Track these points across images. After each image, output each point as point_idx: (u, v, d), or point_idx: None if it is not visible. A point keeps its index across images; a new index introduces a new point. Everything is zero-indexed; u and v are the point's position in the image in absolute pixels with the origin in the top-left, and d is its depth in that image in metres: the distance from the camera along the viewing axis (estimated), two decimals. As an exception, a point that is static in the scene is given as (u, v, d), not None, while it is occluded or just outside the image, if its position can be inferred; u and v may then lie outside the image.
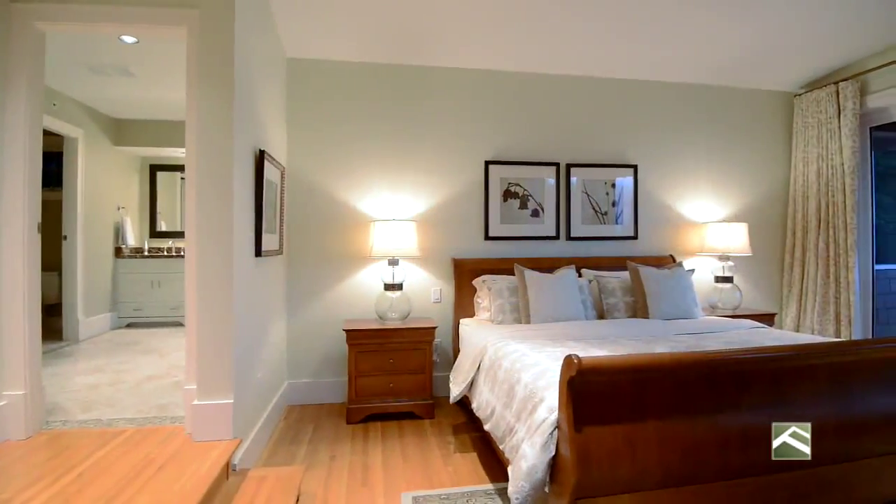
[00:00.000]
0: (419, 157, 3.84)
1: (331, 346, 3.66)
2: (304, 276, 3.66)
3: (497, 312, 3.39)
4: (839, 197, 3.99)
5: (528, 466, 1.67)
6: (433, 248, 3.84)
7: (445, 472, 2.56)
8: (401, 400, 3.31)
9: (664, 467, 1.65)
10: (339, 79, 3.73)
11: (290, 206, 3.62)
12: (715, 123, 4.40)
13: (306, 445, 2.93)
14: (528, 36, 3.53)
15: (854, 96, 3.96)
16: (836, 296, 4.01)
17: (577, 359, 1.53)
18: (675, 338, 2.78)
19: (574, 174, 4.10)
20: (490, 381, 2.52)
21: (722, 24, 3.48)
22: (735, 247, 4.01)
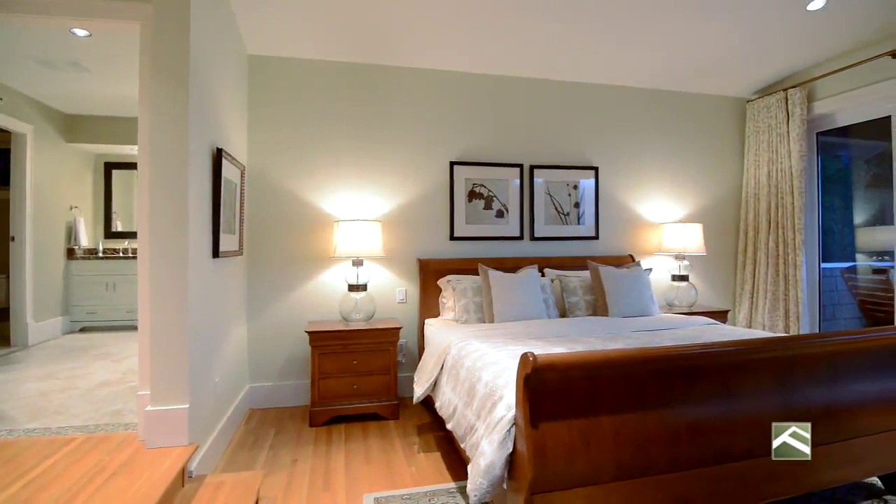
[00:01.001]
0: (384, 157, 3.83)
1: (294, 348, 3.61)
2: (266, 277, 3.60)
3: (461, 312, 3.41)
4: (788, 199, 4.18)
5: (487, 464, 1.69)
6: (398, 249, 3.83)
7: (408, 473, 2.57)
8: (365, 401, 3.29)
9: (617, 461, 1.69)
10: (303, 77, 3.69)
11: (251, 205, 3.55)
12: (672, 127, 4.54)
13: (267, 450, 2.88)
14: (491, 38, 3.57)
15: (802, 103, 4.15)
16: (786, 293, 4.20)
17: (533, 356, 1.56)
18: (632, 334, 2.86)
19: (538, 175, 4.17)
20: (452, 380, 2.54)
21: (678, 32, 3.60)
22: (690, 247, 4.15)
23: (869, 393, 2.14)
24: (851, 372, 2.11)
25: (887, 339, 2.16)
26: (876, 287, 4.59)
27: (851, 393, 2.10)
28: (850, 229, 5.14)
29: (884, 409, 2.18)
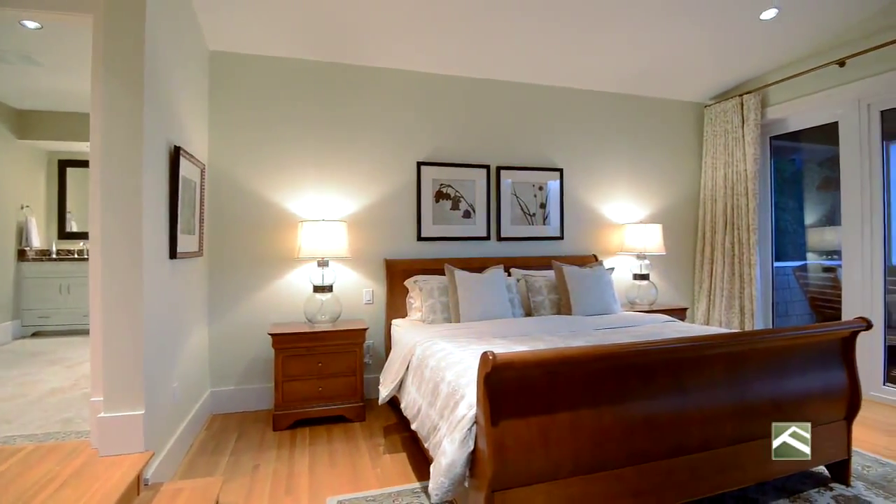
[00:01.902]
0: (351, 157, 3.80)
1: (257, 351, 3.54)
2: (228, 278, 3.52)
3: (428, 312, 3.41)
4: (743, 200, 4.34)
5: (448, 462, 1.70)
6: (365, 249, 3.81)
7: (373, 475, 2.55)
8: (330, 404, 3.25)
9: (575, 456, 1.73)
10: (267, 75, 3.62)
11: (212, 205, 3.47)
12: (634, 130, 4.66)
13: (229, 455, 2.82)
14: (459, 40, 3.59)
15: (756, 108, 4.31)
16: (741, 291, 4.36)
17: (493, 355, 1.57)
18: (593, 332, 2.92)
19: (504, 176, 4.21)
20: (417, 380, 2.54)
21: (639, 38, 3.70)
22: (651, 246, 4.26)
23: (815, 386, 2.25)
24: (799, 366, 2.21)
25: (832, 335, 2.28)
26: (825, 284, 4.81)
27: (799, 386, 2.20)
28: (803, 229, 5.37)
29: (829, 401, 2.29)
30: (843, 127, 3.90)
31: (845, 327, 2.25)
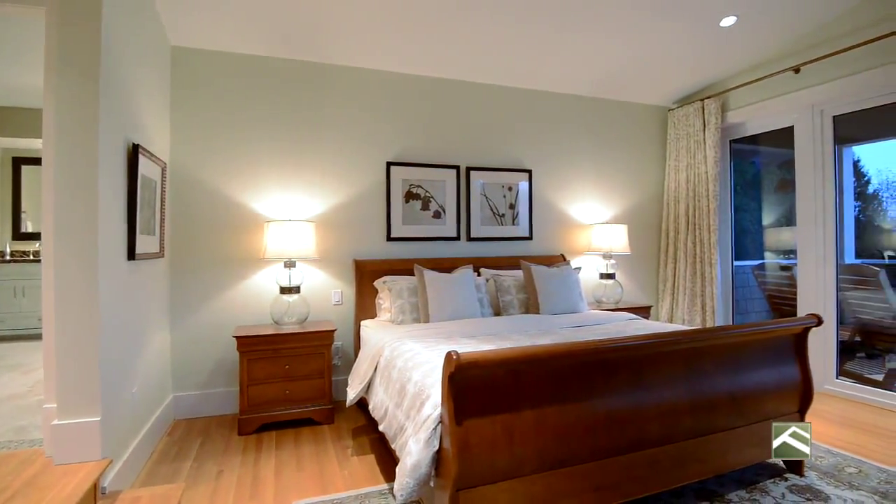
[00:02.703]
0: (319, 157, 3.75)
1: (222, 354, 3.46)
2: (191, 280, 3.43)
3: (398, 313, 3.40)
4: (704, 201, 4.48)
5: (413, 463, 1.70)
6: (334, 250, 3.77)
7: (341, 477, 2.53)
8: (298, 407, 3.21)
9: (539, 453, 1.75)
10: (231, 72, 3.55)
11: (174, 205, 3.38)
12: (601, 133, 4.74)
13: (191, 461, 2.75)
14: (428, 40, 3.59)
15: (716, 112, 4.45)
16: (702, 289, 4.49)
17: (457, 355, 1.58)
18: (560, 331, 2.96)
19: (474, 177, 4.23)
20: (385, 381, 2.53)
21: (605, 43, 3.78)
22: (617, 246, 4.35)
23: (770, 380, 2.33)
24: (754, 361, 2.29)
25: (785, 331, 2.37)
26: (782, 283, 5.00)
27: (755, 380, 2.28)
28: (761, 230, 5.57)
29: (783, 395, 2.38)
30: (798, 131, 4.06)
31: (797, 324, 2.34)
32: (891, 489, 2.30)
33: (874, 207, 5.29)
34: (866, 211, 5.37)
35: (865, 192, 5.39)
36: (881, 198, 5.30)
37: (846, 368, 4.12)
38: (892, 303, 4.03)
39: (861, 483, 2.37)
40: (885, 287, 4.04)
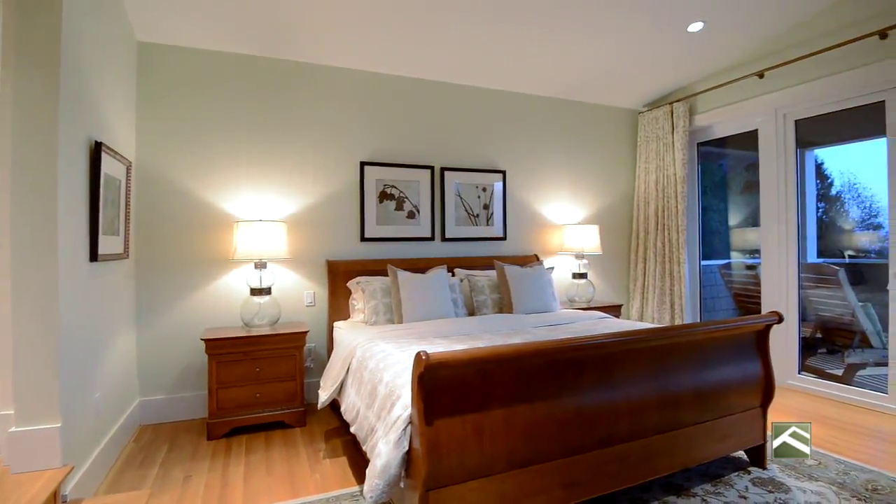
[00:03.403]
0: (291, 156, 3.70)
1: (190, 357, 3.38)
2: (158, 281, 3.35)
3: (371, 314, 3.38)
4: (672, 202, 4.58)
5: (382, 464, 1.69)
6: (306, 250, 3.73)
7: (312, 480, 2.50)
8: (269, 410, 3.16)
9: (509, 451, 1.76)
10: (200, 69, 3.47)
11: (140, 205, 3.30)
12: (574, 134, 4.81)
13: (158, 467, 2.68)
14: (402, 40, 3.58)
15: (685, 115, 4.56)
16: (671, 288, 4.59)
17: (426, 355, 1.58)
18: (532, 330, 2.99)
19: (448, 177, 4.23)
20: (357, 382, 2.51)
21: (577, 47, 3.84)
22: (589, 246, 4.42)
23: (733, 376, 2.40)
24: (718, 358, 2.35)
25: (747, 328, 2.44)
26: (748, 281, 5.14)
27: (719, 376, 2.35)
28: (728, 230, 5.72)
29: (746, 390, 2.45)
30: (762, 135, 4.19)
31: (759, 321, 2.41)
32: (848, 480, 2.39)
33: (837, 208, 5.50)
34: (829, 212, 5.57)
35: (829, 193, 5.60)
36: (843, 199, 5.51)
37: (808, 364, 4.26)
38: (851, 300, 4.19)
39: (820, 475, 2.45)
40: (844, 285, 4.20)
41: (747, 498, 2.24)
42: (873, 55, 3.36)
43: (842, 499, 2.22)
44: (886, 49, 3.28)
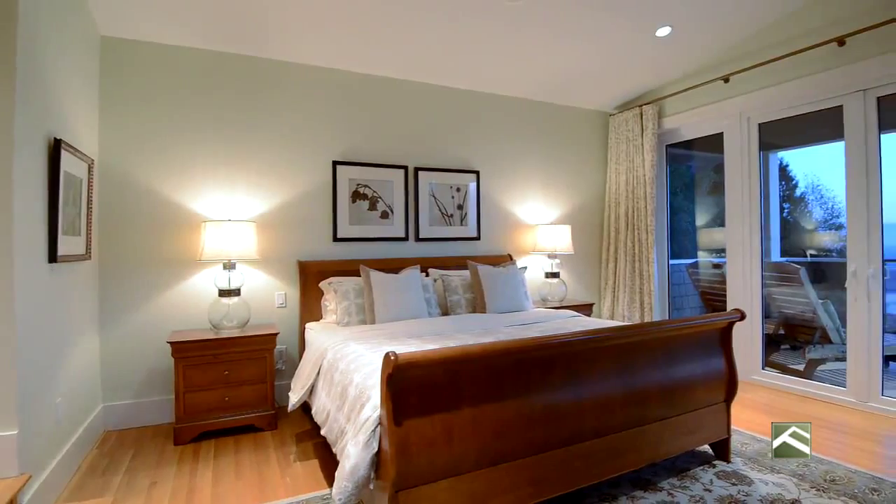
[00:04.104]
0: (261, 154, 3.64)
1: (156, 361, 3.30)
2: (122, 283, 3.25)
3: (343, 314, 3.35)
4: (642, 203, 4.67)
5: (351, 465, 1.68)
6: (277, 251, 3.67)
7: (282, 484, 2.47)
8: (239, 413, 3.11)
9: (479, 450, 1.77)
10: (167, 65, 3.39)
11: (103, 204, 3.20)
12: (546, 135, 4.86)
13: (123, 474, 2.61)
14: (375, 39, 3.56)
15: (654, 118, 4.65)
16: (641, 287, 4.68)
17: (395, 356, 1.58)
18: (504, 329, 3.01)
19: (422, 177, 4.23)
20: (327, 384, 2.49)
21: (550, 49, 3.88)
22: (561, 246, 4.47)
23: (698, 372, 2.46)
24: (683, 355, 2.41)
25: (711, 325, 2.50)
26: (714, 280, 5.29)
27: (684, 373, 2.40)
28: (695, 230, 5.87)
29: (710, 386, 2.51)
30: (728, 137, 4.31)
31: (722, 319, 2.48)
32: (807, 471, 2.48)
33: (801, 209, 5.69)
34: (794, 212, 5.77)
35: (793, 194, 5.79)
36: (807, 200, 5.71)
37: (771, 359, 4.41)
38: (812, 298, 4.35)
39: (781, 467, 2.53)
40: (805, 283, 4.35)
41: (712, 491, 2.30)
42: (832, 61, 3.49)
43: (801, 490, 2.30)
44: (844, 56, 3.41)
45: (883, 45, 3.22)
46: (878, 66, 3.26)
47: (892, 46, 3.18)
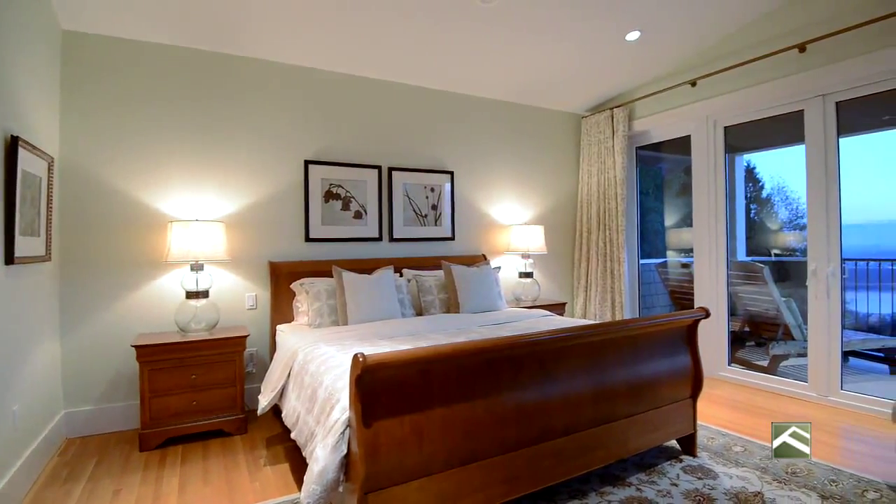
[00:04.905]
0: (231, 153, 3.57)
1: (121, 365, 3.20)
2: (85, 285, 3.15)
3: (315, 316, 3.32)
4: (613, 204, 4.75)
5: (320, 469, 1.67)
6: (247, 251, 3.61)
7: (251, 489, 2.43)
8: (207, 418, 3.04)
9: (449, 450, 1.78)
10: (134, 61, 3.29)
11: (64, 204, 3.09)
12: (520, 137, 4.90)
13: (85, 482, 2.53)
14: (349, 37, 3.53)
15: (624, 121, 4.73)
16: (612, 286, 4.76)
17: (363, 357, 1.57)
18: (477, 329, 3.02)
19: (396, 177, 4.21)
20: (298, 386, 2.46)
21: (524, 52, 3.92)
22: (534, 246, 4.52)
23: (664, 369, 2.51)
24: (650, 352, 2.46)
25: (676, 323, 2.56)
26: (682, 279, 5.41)
27: (651, 370, 2.45)
28: (664, 230, 6.00)
29: (677, 382, 2.57)
30: (695, 140, 4.41)
31: (687, 317, 2.54)
32: (770, 464, 2.55)
33: (767, 210, 5.87)
34: (760, 213, 5.94)
35: (760, 196, 5.97)
36: (773, 201, 5.90)
37: (737, 356, 4.53)
38: (775, 296, 4.48)
39: (746, 460, 2.61)
40: (769, 282, 4.49)
41: (678, 485, 2.35)
42: (793, 67, 3.60)
43: (764, 482, 2.37)
44: (805, 61, 3.53)
45: (841, 51, 3.34)
46: (836, 72, 3.39)
47: (850, 53, 3.31)
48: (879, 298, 5.01)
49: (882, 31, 3.12)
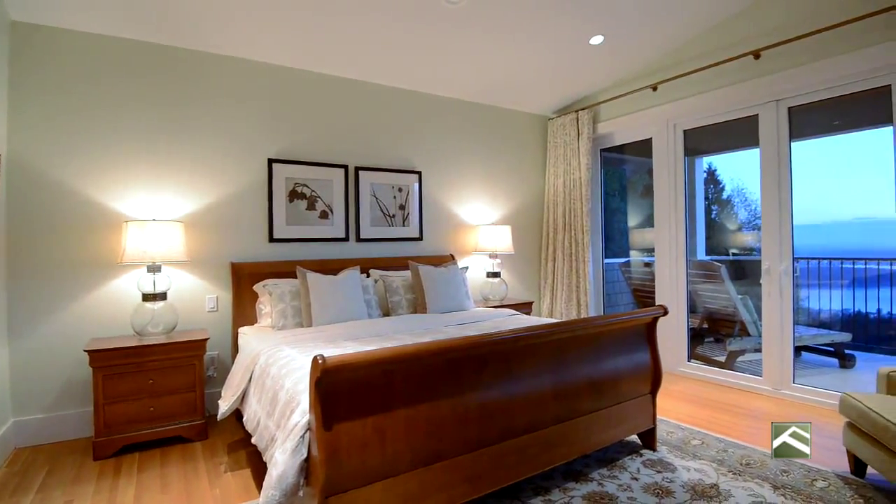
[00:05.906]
0: (191, 151, 3.47)
1: (73, 371, 3.07)
2: (33, 288, 3.01)
3: (279, 318, 3.26)
4: (578, 204, 4.83)
5: (279, 473, 1.64)
6: (208, 252, 3.52)
7: (211, 496, 2.37)
8: (165, 424, 2.95)
9: (413, 450, 1.77)
10: (86, 55, 3.16)
11: (12, 203, 2.95)
12: (488, 137, 4.93)
13: (35, 493, 2.42)
14: (315, 34, 3.48)
15: (589, 123, 4.82)
16: (577, 285, 4.84)
17: (322, 359, 1.55)
18: (443, 329, 3.03)
19: (363, 177, 4.17)
20: (259, 390, 2.41)
21: (490, 53, 3.95)
22: (501, 246, 4.55)
23: (625, 366, 2.57)
24: (611, 349, 2.51)
25: (636, 321, 2.62)
26: (645, 277, 5.54)
27: (612, 367, 2.50)
28: (628, 230, 6.14)
29: (637, 379, 2.63)
30: (656, 143, 4.52)
31: (646, 314, 2.61)
32: (726, 456, 2.64)
33: (728, 211, 6.07)
34: (721, 214, 6.14)
35: (721, 197, 6.17)
36: (733, 203, 6.10)
37: (697, 352, 4.67)
38: (732, 294, 4.64)
39: (703, 453, 2.69)
40: (725, 280, 4.64)
41: (639, 479, 2.41)
42: (749, 73, 3.74)
43: (720, 474, 2.45)
44: (759, 68, 3.66)
45: (794, 58, 3.49)
46: (789, 78, 3.53)
47: (801, 60, 3.45)
48: (830, 295, 5.25)
49: (833, 39, 3.27)
